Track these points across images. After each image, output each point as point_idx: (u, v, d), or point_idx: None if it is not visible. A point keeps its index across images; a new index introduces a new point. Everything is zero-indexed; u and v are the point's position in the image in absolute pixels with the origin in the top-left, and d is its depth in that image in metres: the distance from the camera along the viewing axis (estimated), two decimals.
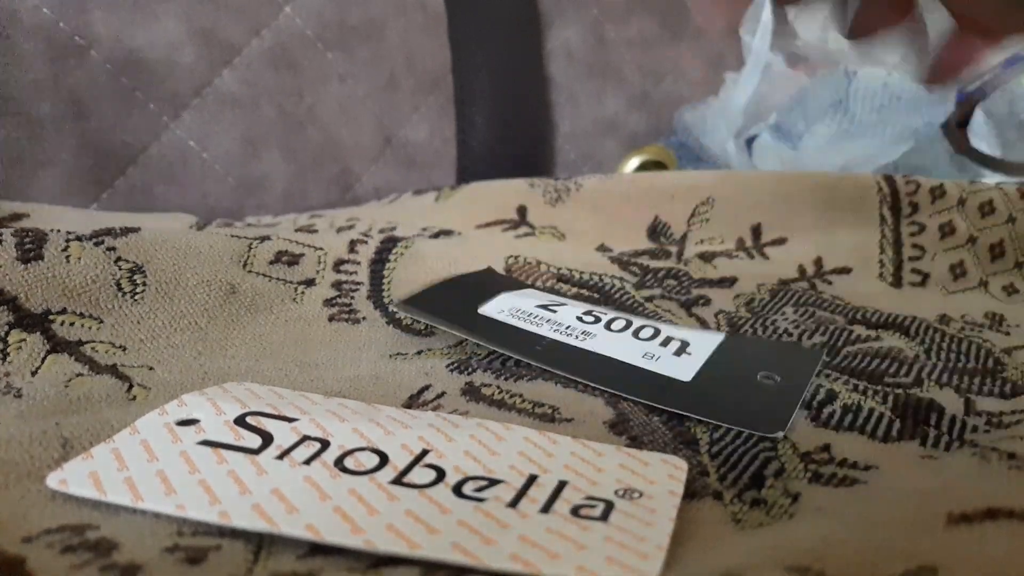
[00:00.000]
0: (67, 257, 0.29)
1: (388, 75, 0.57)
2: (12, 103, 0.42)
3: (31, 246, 0.28)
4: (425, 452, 0.21)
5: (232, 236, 0.34)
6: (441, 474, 0.20)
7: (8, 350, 0.26)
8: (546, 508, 0.18)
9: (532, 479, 0.20)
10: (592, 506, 0.19)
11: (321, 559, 0.17)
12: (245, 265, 0.33)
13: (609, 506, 0.19)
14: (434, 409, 0.25)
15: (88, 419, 0.22)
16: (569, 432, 0.23)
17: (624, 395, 0.26)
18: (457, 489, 0.19)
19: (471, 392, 0.26)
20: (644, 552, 0.17)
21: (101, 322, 0.28)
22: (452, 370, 0.28)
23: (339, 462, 0.20)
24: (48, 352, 0.26)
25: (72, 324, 0.28)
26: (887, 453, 0.24)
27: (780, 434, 0.24)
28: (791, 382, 0.27)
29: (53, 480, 0.19)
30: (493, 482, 0.20)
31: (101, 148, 0.45)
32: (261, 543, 0.17)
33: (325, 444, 0.21)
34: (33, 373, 0.25)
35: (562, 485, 0.19)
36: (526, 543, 0.17)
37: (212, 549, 0.17)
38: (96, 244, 0.30)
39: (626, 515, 0.18)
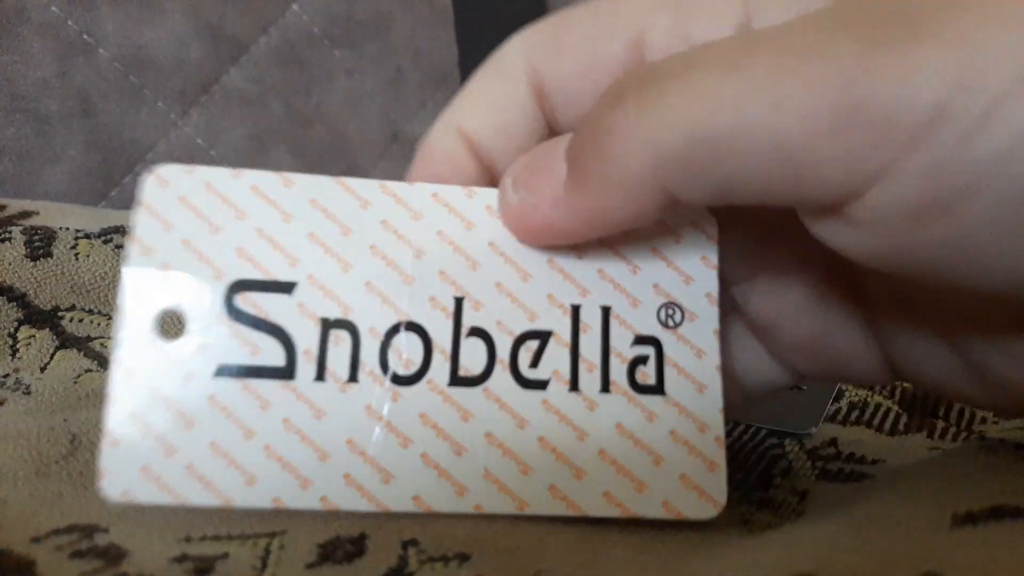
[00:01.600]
0: (76, 255, 0.29)
1: (395, 70, 0.57)
2: (21, 100, 0.42)
3: (40, 244, 0.29)
4: (460, 303, 0.18)
5: None
6: (490, 344, 0.18)
7: (17, 346, 0.26)
8: (605, 385, 0.18)
9: (576, 312, 0.19)
10: (644, 359, 0.18)
11: (328, 568, 0.17)
12: None
13: (659, 352, 0.19)
14: None
15: (97, 415, 0.22)
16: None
17: None
18: (515, 370, 0.18)
19: None
20: (708, 458, 0.18)
21: (110, 318, 0.28)
22: None
23: (384, 365, 0.18)
24: (57, 348, 0.26)
25: (81, 320, 0.28)
26: (894, 446, 0.24)
27: (813, 430, 0.24)
28: (817, 388, 0.27)
29: (113, 491, 0.17)
30: (542, 337, 0.18)
31: (109, 145, 0.45)
32: (269, 548, 0.17)
33: (353, 332, 0.18)
34: (42, 369, 0.25)
35: (607, 313, 0.19)
36: (607, 464, 0.18)
37: (219, 558, 0.17)
38: (105, 242, 0.30)
39: (677, 371, 0.18)
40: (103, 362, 0.26)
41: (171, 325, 0.18)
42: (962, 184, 0.13)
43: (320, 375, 0.18)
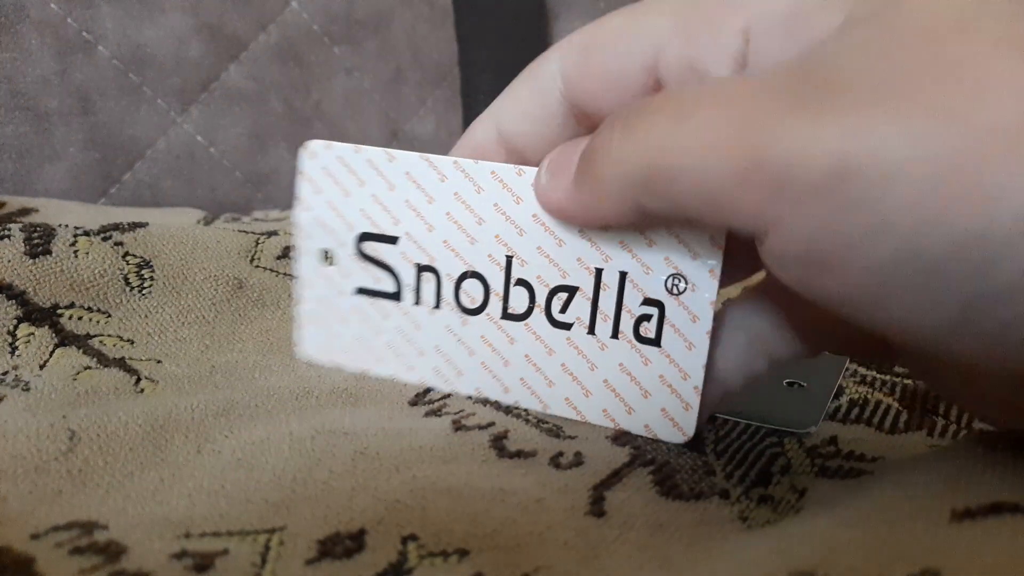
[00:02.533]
0: (75, 252, 0.29)
1: (395, 68, 0.57)
2: (20, 98, 0.42)
3: (39, 241, 0.29)
4: (510, 260, 0.24)
5: (239, 231, 0.35)
6: (531, 293, 0.24)
7: (17, 344, 0.26)
8: (615, 332, 0.23)
9: (599, 274, 0.23)
10: (648, 317, 0.22)
11: (328, 564, 0.17)
12: (252, 260, 0.33)
13: (661, 313, 0.22)
14: (439, 410, 0.25)
15: (96, 412, 0.22)
16: (574, 448, 0.23)
17: None
18: (549, 313, 0.23)
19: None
20: (685, 401, 0.22)
21: (109, 316, 0.28)
22: None
23: (457, 299, 0.24)
24: (56, 346, 0.26)
25: (80, 318, 0.28)
26: (894, 444, 0.24)
27: (813, 429, 0.24)
28: (817, 385, 0.27)
29: (303, 355, 0.27)
30: (571, 291, 0.23)
31: (109, 143, 0.45)
32: (269, 544, 0.17)
33: (436, 275, 0.25)
34: (41, 366, 0.25)
35: (624, 277, 0.23)
36: (608, 390, 0.23)
37: (219, 554, 0.17)
38: (104, 239, 0.30)
39: (674, 331, 0.22)
40: (102, 359, 0.26)
41: (327, 255, 0.26)
42: (842, 247, 0.15)
43: (417, 301, 0.25)
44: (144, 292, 0.29)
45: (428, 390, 0.26)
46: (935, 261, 0.14)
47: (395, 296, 0.25)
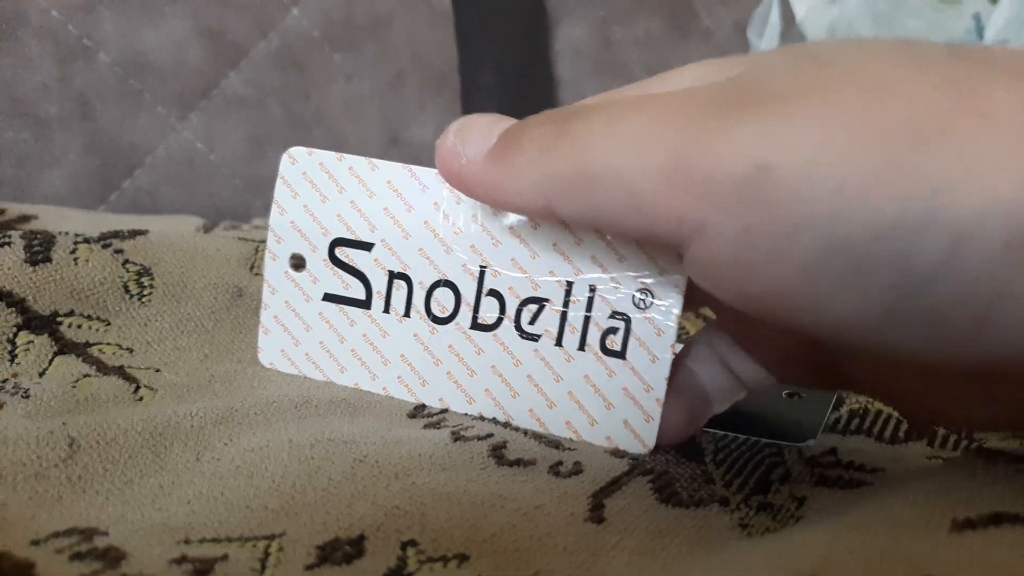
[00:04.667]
0: (75, 259, 0.29)
1: (394, 73, 0.57)
2: (20, 104, 0.42)
3: (39, 248, 0.29)
4: (483, 271, 0.24)
5: (239, 239, 0.35)
6: (502, 303, 0.24)
7: (16, 352, 0.26)
8: (582, 345, 0.23)
9: (569, 287, 0.23)
10: (615, 330, 0.23)
11: (327, 570, 0.17)
12: (252, 268, 0.33)
13: (627, 326, 0.23)
14: (438, 423, 0.25)
15: (95, 419, 0.22)
16: (573, 458, 0.23)
17: None
18: (518, 324, 0.24)
19: None
20: (647, 413, 0.23)
21: (108, 324, 0.28)
22: None
23: (428, 307, 0.25)
24: (56, 353, 0.26)
25: (80, 326, 0.28)
26: (894, 454, 0.24)
27: (812, 442, 0.24)
28: (818, 395, 0.27)
29: (265, 361, 0.27)
30: (541, 303, 0.24)
31: (108, 149, 0.45)
32: (268, 550, 0.17)
33: (409, 283, 0.25)
34: (41, 374, 0.25)
35: (593, 291, 0.23)
36: (573, 401, 0.24)
37: (219, 560, 0.17)
38: (104, 246, 0.30)
39: (639, 344, 0.23)
40: (101, 367, 0.26)
41: (298, 261, 0.26)
42: (766, 248, 0.16)
43: (386, 309, 0.25)
44: (144, 300, 0.29)
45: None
46: (856, 252, 0.15)
47: (364, 303, 0.25)
